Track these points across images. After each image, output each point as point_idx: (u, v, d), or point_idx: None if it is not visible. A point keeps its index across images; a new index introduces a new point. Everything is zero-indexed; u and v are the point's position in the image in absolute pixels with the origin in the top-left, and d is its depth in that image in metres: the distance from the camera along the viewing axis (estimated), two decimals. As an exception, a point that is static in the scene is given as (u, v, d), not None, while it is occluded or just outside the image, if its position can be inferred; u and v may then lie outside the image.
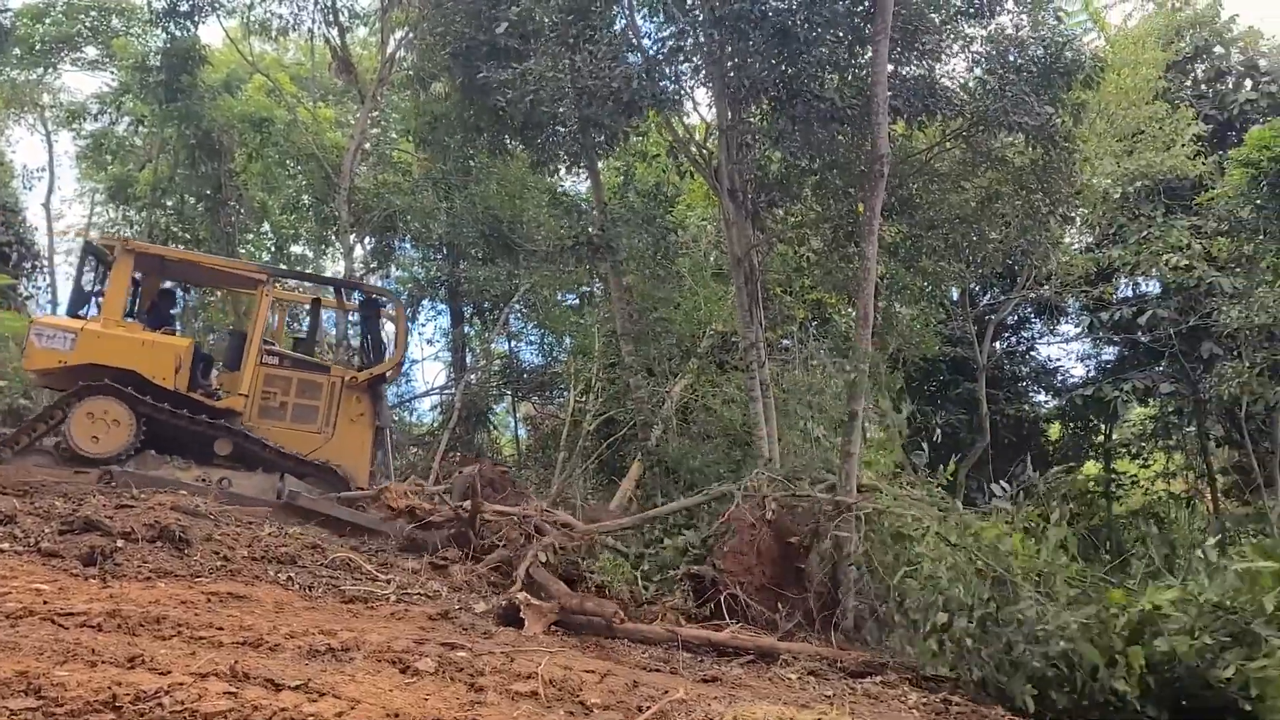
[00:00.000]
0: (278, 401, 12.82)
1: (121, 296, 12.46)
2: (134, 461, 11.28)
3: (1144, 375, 23.43)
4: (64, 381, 11.92)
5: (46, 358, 11.68)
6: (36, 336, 11.75)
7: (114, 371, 11.66)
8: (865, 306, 11.40)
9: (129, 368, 11.75)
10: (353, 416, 13.03)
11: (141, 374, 11.80)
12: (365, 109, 22.80)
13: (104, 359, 11.72)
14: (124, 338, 12.02)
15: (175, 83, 21.71)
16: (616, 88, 12.83)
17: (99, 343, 11.80)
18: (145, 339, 12.26)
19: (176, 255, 14.45)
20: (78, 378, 11.65)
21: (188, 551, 7.68)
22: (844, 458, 10.61)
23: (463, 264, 24.17)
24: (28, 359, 11.84)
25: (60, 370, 11.73)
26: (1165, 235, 21.21)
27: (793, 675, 6.53)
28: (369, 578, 8.23)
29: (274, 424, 12.63)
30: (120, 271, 12.37)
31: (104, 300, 12.32)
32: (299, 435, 12.65)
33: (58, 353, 11.63)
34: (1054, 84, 14.09)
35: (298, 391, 12.95)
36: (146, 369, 11.87)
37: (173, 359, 12.18)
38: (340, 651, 5.12)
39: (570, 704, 4.79)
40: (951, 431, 25.13)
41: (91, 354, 11.71)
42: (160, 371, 11.95)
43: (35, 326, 11.97)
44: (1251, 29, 25.19)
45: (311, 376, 13.17)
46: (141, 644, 4.76)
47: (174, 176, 24.44)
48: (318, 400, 12.99)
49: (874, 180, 11.55)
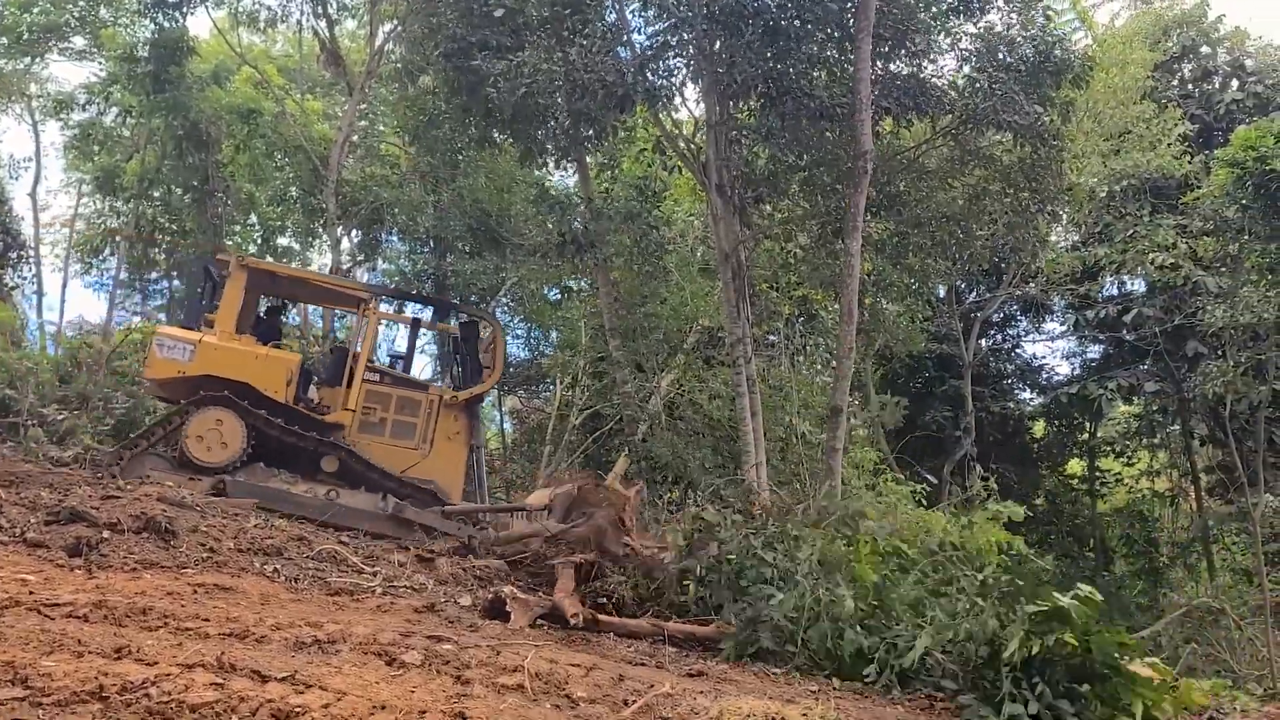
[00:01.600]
0: (377, 417, 12.92)
1: (235, 310, 12.62)
2: (244, 472, 11.40)
3: (1129, 373, 23.59)
4: (180, 391, 12.07)
5: (166, 367, 11.87)
6: (158, 346, 11.94)
7: (228, 383, 11.84)
8: (849, 302, 11.46)
9: (243, 380, 11.91)
10: (450, 434, 13.13)
11: (254, 387, 11.97)
12: (353, 101, 22.74)
13: (220, 371, 11.88)
14: (239, 351, 12.22)
15: (163, 73, 21.61)
16: (610, 81, 12.84)
17: (216, 355, 11.98)
18: (259, 353, 12.45)
19: (287, 272, 14.61)
20: (194, 388, 11.81)
21: (174, 543, 7.66)
22: (829, 453, 10.66)
23: (450, 257, 24.11)
24: (149, 367, 12.01)
25: (177, 380, 11.90)
26: (1151, 234, 21.34)
27: (778, 670, 6.56)
28: (355, 570, 8.23)
29: (373, 439, 12.74)
30: (234, 286, 12.56)
31: (218, 314, 12.49)
32: (397, 451, 12.76)
33: (177, 363, 11.83)
34: (1043, 83, 14.17)
35: (397, 408, 13.07)
36: (259, 382, 12.02)
37: (285, 373, 12.37)
38: (327, 643, 5.12)
39: (556, 697, 4.81)
40: (937, 428, 25.26)
41: (208, 365, 11.89)
42: (272, 385, 12.10)
43: (157, 337, 12.14)
44: (1238, 29, 25.35)
45: (411, 394, 13.31)
46: (128, 635, 4.76)
47: (161, 167, 24.34)
48: (416, 417, 13.08)
49: (858, 177, 11.61)
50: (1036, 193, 15.58)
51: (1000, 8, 14.74)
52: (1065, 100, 15.02)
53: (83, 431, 15.52)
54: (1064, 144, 15.56)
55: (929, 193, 15.93)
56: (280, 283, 14.24)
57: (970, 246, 16.66)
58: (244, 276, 12.67)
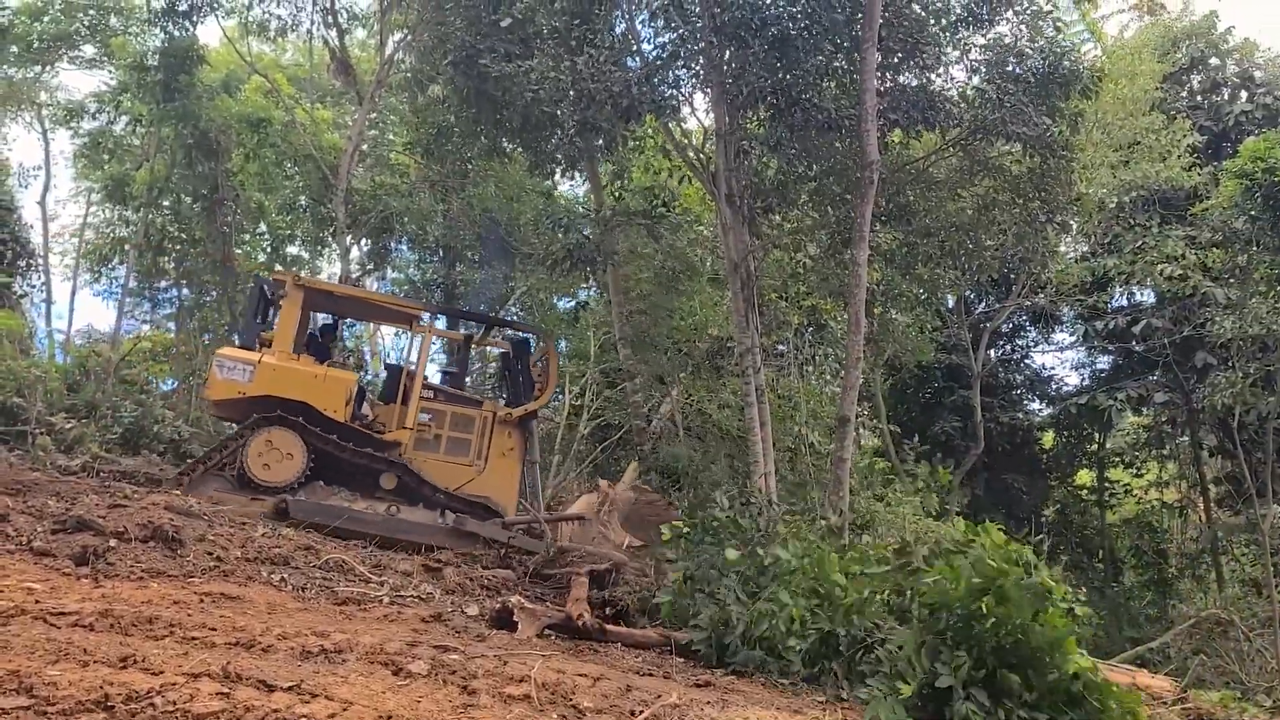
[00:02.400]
0: (432, 434, 13.00)
1: (292, 330, 12.65)
2: (304, 491, 11.50)
3: (1138, 384, 23.51)
4: (240, 412, 12.10)
5: (226, 388, 11.89)
6: (218, 367, 11.95)
7: (288, 403, 11.90)
8: (857, 312, 11.44)
9: (303, 400, 11.98)
10: (503, 450, 13.19)
11: (314, 406, 12.03)
12: (363, 110, 22.82)
13: (279, 391, 11.90)
14: (299, 371, 12.26)
15: (173, 82, 21.69)
16: (617, 91, 12.86)
17: (275, 375, 12.00)
18: (318, 372, 12.47)
19: (344, 291, 14.66)
20: (254, 409, 11.86)
21: (181, 552, 7.67)
22: (836, 463, 10.62)
23: (459, 266, 24.18)
24: (209, 389, 12.03)
25: (238, 400, 11.93)
26: (1160, 245, 21.29)
27: (785, 681, 6.53)
28: (362, 579, 8.22)
29: (428, 456, 12.79)
30: (291, 306, 12.59)
31: (276, 334, 12.52)
32: (452, 468, 12.83)
33: (237, 384, 11.85)
34: (1052, 94, 14.15)
35: (451, 425, 13.13)
36: (319, 401, 12.06)
37: (344, 392, 12.44)
38: (333, 653, 5.11)
39: (563, 707, 4.79)
40: (946, 439, 25.20)
41: (268, 386, 11.91)
42: (332, 404, 12.16)
43: (217, 358, 12.16)
44: (1247, 41, 25.31)
45: (465, 410, 13.35)
46: (134, 644, 4.76)
47: (171, 176, 24.40)
48: (470, 434, 13.15)
49: (864, 187, 11.59)
50: (1046, 203, 15.55)
51: (1009, 19, 14.74)
52: (1074, 111, 14.99)
53: (90, 440, 15.54)
54: (1073, 154, 15.53)
55: (938, 203, 15.91)
56: (336, 301, 14.30)
57: (979, 257, 16.63)
58: (301, 296, 12.71)
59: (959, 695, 5.33)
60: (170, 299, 28.20)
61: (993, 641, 5.48)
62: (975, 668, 5.43)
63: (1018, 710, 5.29)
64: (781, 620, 6.70)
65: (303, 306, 12.92)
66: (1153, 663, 14.95)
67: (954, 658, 5.47)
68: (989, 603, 5.46)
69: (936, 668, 5.50)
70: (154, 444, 16.87)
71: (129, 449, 16.24)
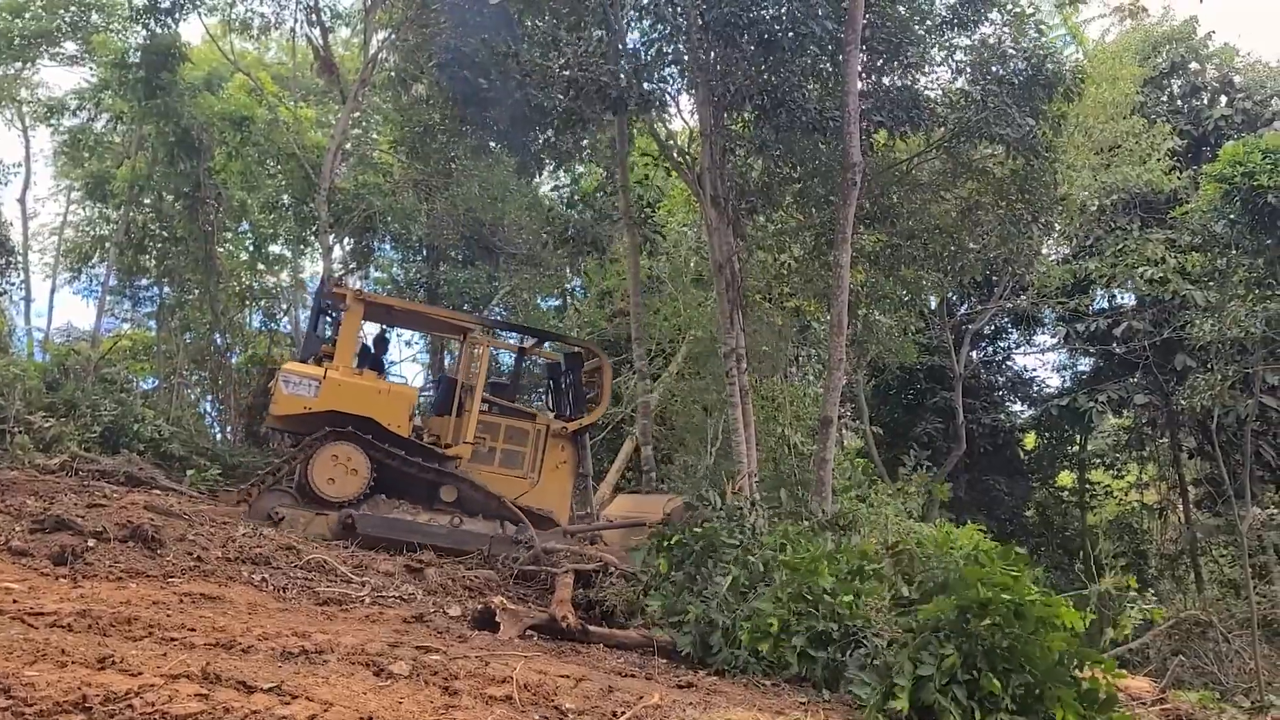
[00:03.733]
0: (487, 446, 13.02)
1: (353, 344, 12.77)
2: (366, 505, 11.55)
3: (1118, 386, 23.69)
4: (304, 426, 12.09)
5: (292, 403, 11.86)
6: (284, 383, 11.92)
7: (352, 418, 11.94)
8: (840, 314, 11.46)
9: (367, 415, 11.98)
10: (557, 464, 13.25)
11: (378, 421, 12.06)
12: (347, 109, 22.71)
13: (344, 406, 11.92)
14: (364, 386, 12.30)
15: (155, 79, 21.52)
16: (604, 82, 12.86)
17: (340, 390, 12.01)
18: (381, 387, 12.55)
19: (402, 305, 14.70)
20: (319, 424, 11.88)
21: (160, 551, 7.62)
22: (819, 464, 10.64)
23: (443, 266, 24.11)
24: (275, 404, 11.97)
25: (303, 415, 11.93)
26: (1141, 248, 21.46)
27: (768, 682, 6.54)
28: (343, 580, 8.19)
29: (483, 468, 12.82)
30: (351, 320, 12.64)
31: (338, 348, 12.54)
32: (506, 480, 12.86)
33: (302, 399, 11.84)
34: (1035, 96, 14.23)
35: (505, 437, 13.18)
36: (383, 416, 12.08)
37: (407, 407, 12.50)
38: (314, 653, 5.09)
39: (545, 708, 4.78)
40: (928, 440, 25.30)
41: (333, 401, 11.92)
42: (395, 419, 12.19)
43: (283, 373, 12.12)
44: (1227, 46, 25.55)
45: (519, 423, 13.40)
46: (112, 644, 4.72)
47: (152, 174, 24.20)
48: (524, 446, 13.22)
49: (847, 189, 11.61)
50: (1029, 205, 15.64)
51: (994, 21, 14.82)
52: (1057, 114, 15.09)
53: (69, 439, 15.45)
54: (1056, 156, 15.63)
55: (922, 205, 15.98)
56: (395, 315, 14.40)
57: (963, 259, 16.72)
58: (361, 309, 12.79)
59: (936, 687, 5.36)
60: (151, 297, 27.96)
61: (986, 644, 5.51)
62: (965, 667, 5.45)
63: (998, 713, 5.32)
64: (766, 620, 6.72)
65: (363, 320, 13.06)
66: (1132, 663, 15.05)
67: (942, 653, 5.50)
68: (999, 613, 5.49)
69: (923, 656, 5.53)
70: (134, 443, 16.78)
71: (108, 448, 16.15)
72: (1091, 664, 5.61)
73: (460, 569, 9.76)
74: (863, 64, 13.51)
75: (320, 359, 12.48)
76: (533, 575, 9.55)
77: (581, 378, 14.20)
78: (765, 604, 6.87)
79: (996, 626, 5.51)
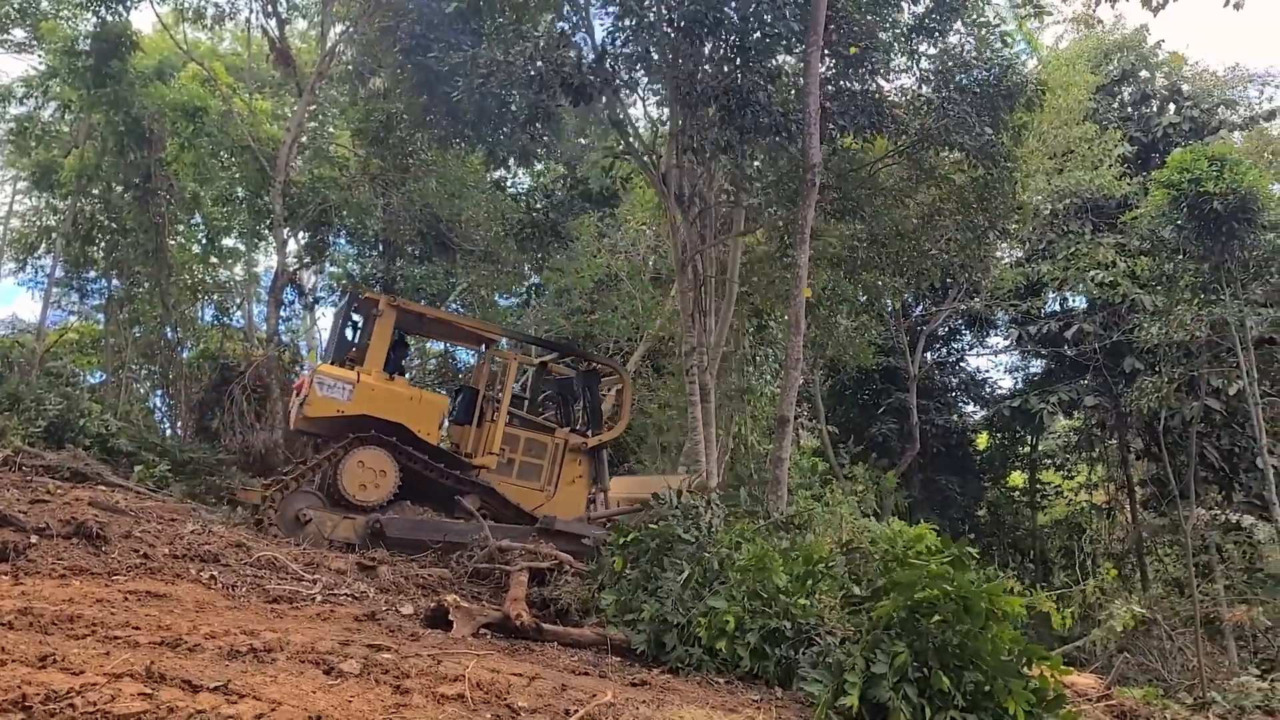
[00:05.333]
0: (506, 457, 13.14)
1: (385, 350, 12.66)
2: (392, 509, 11.52)
3: (1069, 388, 24.09)
4: (335, 430, 12.03)
5: (326, 406, 11.85)
6: (318, 385, 11.88)
7: (383, 424, 11.94)
8: (797, 314, 11.52)
9: (398, 421, 12.04)
10: (573, 478, 13.38)
11: (408, 427, 12.09)
12: (303, 102, 22.41)
13: (376, 411, 11.98)
14: (396, 392, 12.38)
15: (105, 68, 21.11)
16: (567, 72, 12.84)
17: (373, 395, 12.04)
18: (413, 394, 12.61)
19: (434, 313, 14.61)
20: (349, 427, 11.86)
21: (105, 548, 7.46)
22: (775, 463, 10.69)
23: (399, 261, 23.91)
24: (310, 406, 11.86)
25: (335, 419, 11.91)
26: (1092, 252, 21.83)
27: (721, 679, 6.56)
28: (295, 577, 8.08)
29: (501, 479, 12.89)
30: (383, 326, 12.60)
31: (369, 353, 12.49)
32: (523, 492, 12.96)
33: (336, 402, 11.85)
34: (997, 105, 14.42)
35: (524, 449, 13.31)
36: (414, 423, 12.17)
37: (437, 415, 12.60)
38: (263, 652, 5.01)
39: (498, 707, 4.75)
40: (883, 440, 25.55)
41: (365, 405, 11.95)
42: (425, 426, 12.27)
43: (318, 376, 12.05)
44: (1175, 54, 26.11)
45: (538, 436, 13.51)
46: (54, 643, 4.61)
47: (101, 164, 23.71)
48: (542, 459, 13.38)
49: (806, 190, 11.66)
50: (988, 212, 15.83)
51: (959, 31, 14.96)
52: (1019, 123, 15.29)
53: (13, 433, 15.11)
54: (1016, 166, 15.84)
55: (885, 208, 16.08)
56: (426, 323, 14.36)
57: (922, 263, 16.89)
58: (393, 316, 12.77)
59: (888, 685, 5.42)
60: (99, 290, 27.41)
61: (937, 641, 5.57)
62: (916, 665, 5.50)
63: (949, 711, 5.38)
64: (722, 618, 6.74)
65: (395, 327, 12.99)
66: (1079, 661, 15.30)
67: (893, 650, 5.55)
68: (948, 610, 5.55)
69: (876, 654, 5.58)
70: (80, 438, 16.45)
71: (53, 443, 15.83)
72: (1038, 661, 5.69)
73: (414, 567, 9.67)
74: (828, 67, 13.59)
75: (344, 363, 12.56)
76: (487, 573, 9.50)
77: (599, 394, 14.46)
78: (720, 602, 6.88)
79: (945, 624, 5.57)
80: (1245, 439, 20.79)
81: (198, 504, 13.65)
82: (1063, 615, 16.35)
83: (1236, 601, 18.26)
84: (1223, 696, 11.02)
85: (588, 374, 14.72)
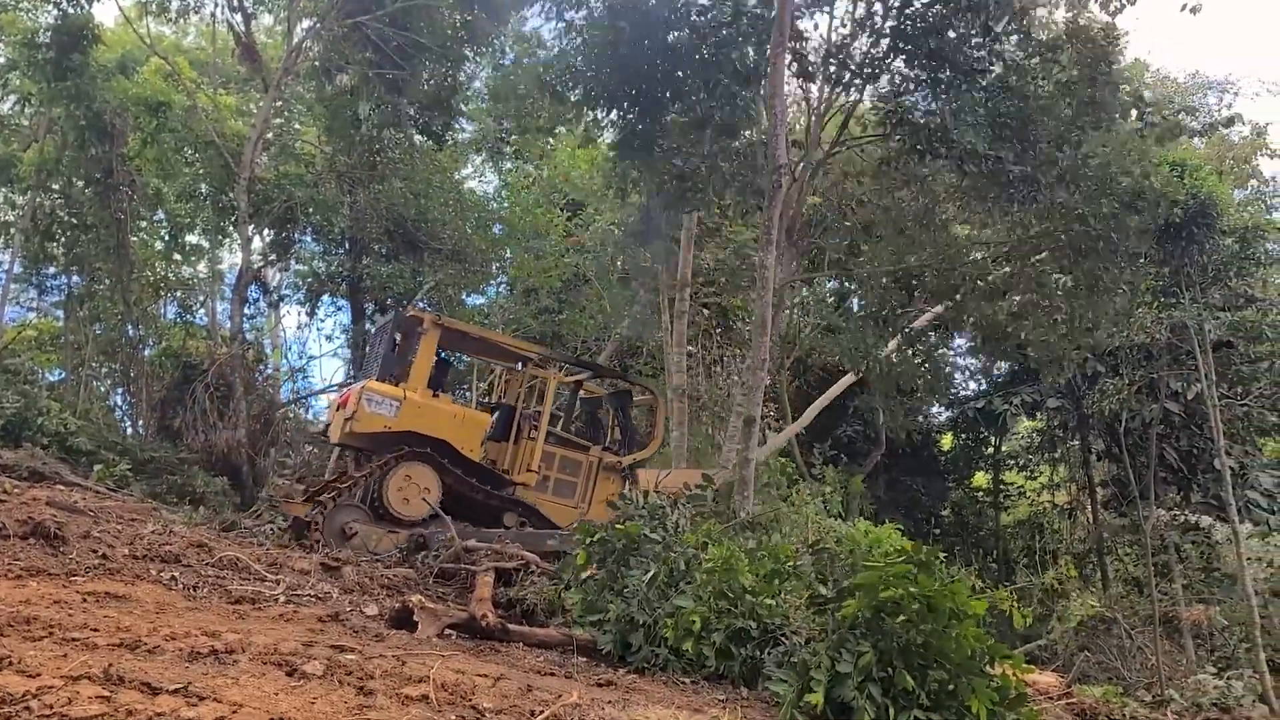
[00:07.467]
0: (542, 474, 13.34)
1: (429, 368, 12.82)
2: (434, 525, 11.46)
3: (1032, 390, 24.35)
4: (380, 445, 12.18)
5: (373, 422, 12.01)
6: (366, 401, 12.02)
7: (428, 440, 12.14)
8: (764, 314, 11.56)
9: (442, 438, 12.23)
10: (605, 496, 13.36)
11: (452, 444, 12.28)
12: (269, 98, 22.20)
13: (422, 428, 12.22)
14: (441, 409, 12.62)
15: (66, 61, 20.76)
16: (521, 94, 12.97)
17: (419, 412, 12.24)
18: (457, 412, 12.86)
19: (477, 331, 14.76)
20: (395, 443, 12.03)
21: (63, 549, 7.35)
22: (741, 464, 10.72)
23: (365, 259, 23.72)
24: (358, 421, 11.95)
25: (381, 434, 12.05)
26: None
27: (687, 680, 6.57)
28: (257, 578, 7.99)
29: (537, 496, 13.11)
30: (428, 344, 12.76)
31: (414, 370, 12.62)
32: (558, 508, 13.17)
33: (383, 418, 12.02)
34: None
35: (560, 467, 13.56)
36: (457, 440, 12.43)
37: (480, 433, 12.81)
38: (224, 654, 4.96)
39: (462, 708, 4.72)
40: (849, 441, 25.69)
41: (411, 422, 12.14)
42: (468, 443, 12.51)
43: (366, 392, 12.16)
44: (1137, 61, 26.47)
45: (574, 454, 13.75)
46: (9, 645, 4.53)
47: (61, 158, 23.31)
48: (577, 477, 13.66)
49: (773, 191, 11.72)
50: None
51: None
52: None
53: (-31, 432, 14.85)
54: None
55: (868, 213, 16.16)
56: (468, 341, 14.52)
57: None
58: (438, 335, 12.95)
59: (853, 684, 5.46)
60: (59, 286, 26.96)
61: (901, 641, 5.62)
62: (881, 665, 5.55)
63: (912, 710, 5.42)
64: (687, 618, 6.75)
65: (439, 345, 13.20)
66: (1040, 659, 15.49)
67: (858, 650, 5.60)
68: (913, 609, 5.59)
69: (841, 653, 5.62)
70: (38, 436, 16.20)
71: (10, 441, 15.59)
72: (1001, 660, 5.75)
73: (379, 567, 9.61)
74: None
75: (385, 379, 12.66)
76: (452, 574, 9.47)
77: (631, 413, 14.69)
78: (686, 602, 6.90)
79: (910, 623, 5.62)
80: (1203, 441, 21.12)
81: (159, 504, 13.49)
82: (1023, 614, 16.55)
83: (1194, 601, 18.57)
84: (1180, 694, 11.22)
85: (620, 394, 14.97)
